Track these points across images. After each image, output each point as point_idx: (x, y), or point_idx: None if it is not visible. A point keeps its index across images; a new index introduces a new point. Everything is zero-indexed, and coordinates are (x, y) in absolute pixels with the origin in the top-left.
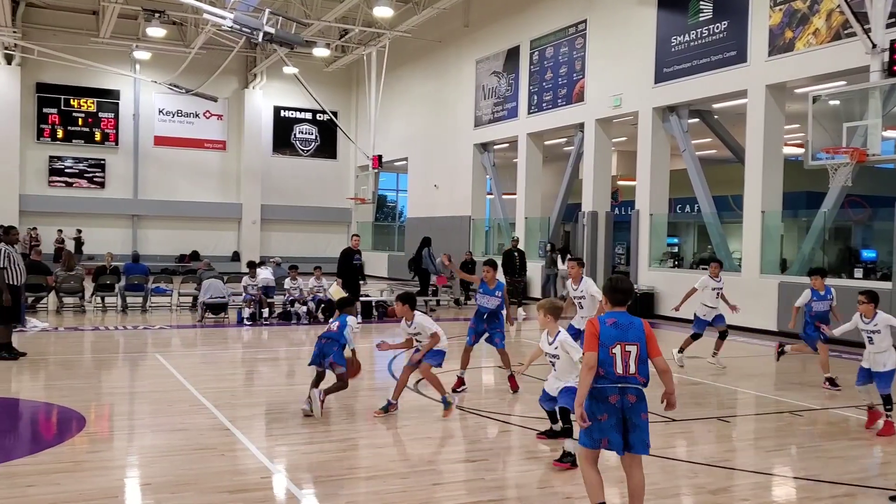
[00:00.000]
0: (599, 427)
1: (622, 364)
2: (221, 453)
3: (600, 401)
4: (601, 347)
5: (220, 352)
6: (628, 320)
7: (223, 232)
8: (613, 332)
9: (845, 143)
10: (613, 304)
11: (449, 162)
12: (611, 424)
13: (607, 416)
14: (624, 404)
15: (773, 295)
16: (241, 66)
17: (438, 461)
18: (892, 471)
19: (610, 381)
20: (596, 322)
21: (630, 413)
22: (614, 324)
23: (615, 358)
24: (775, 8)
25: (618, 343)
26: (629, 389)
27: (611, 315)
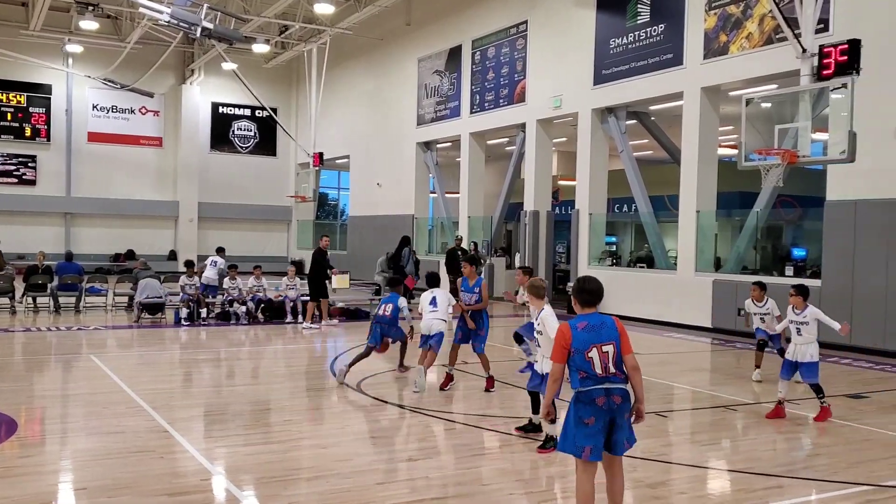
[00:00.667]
0: (585, 432)
1: (601, 365)
2: (160, 456)
3: (587, 404)
4: (577, 354)
5: (158, 353)
6: (599, 320)
7: (160, 230)
8: (586, 335)
9: (777, 144)
10: (583, 306)
11: (391, 160)
12: (598, 429)
13: (594, 419)
14: (611, 406)
15: (708, 293)
16: (179, 61)
17: (382, 460)
18: (820, 462)
19: (595, 382)
20: (567, 329)
21: (616, 414)
22: (586, 327)
23: (592, 362)
24: (710, 12)
25: (593, 346)
26: (614, 390)
27: (581, 318)
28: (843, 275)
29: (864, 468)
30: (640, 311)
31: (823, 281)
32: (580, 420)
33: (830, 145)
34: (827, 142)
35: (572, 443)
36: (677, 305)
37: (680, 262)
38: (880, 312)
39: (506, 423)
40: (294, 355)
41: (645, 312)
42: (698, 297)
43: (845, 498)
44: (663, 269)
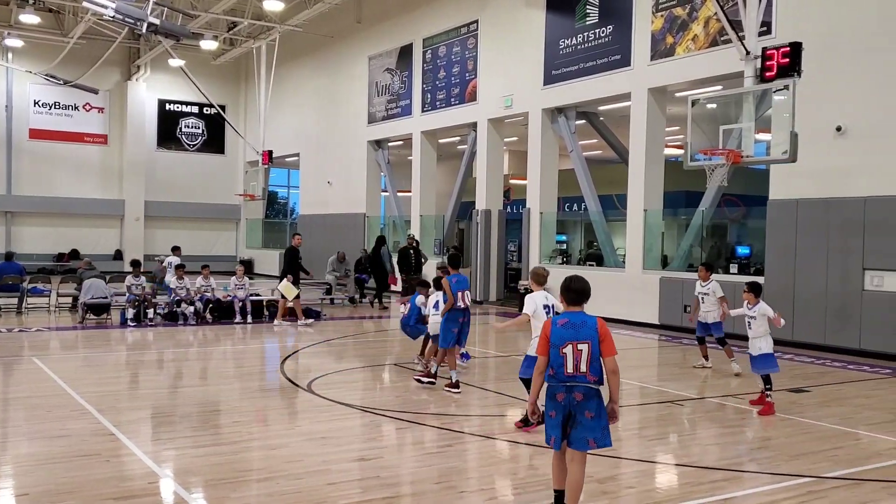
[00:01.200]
0: (551, 423)
1: (573, 363)
2: (106, 459)
3: (550, 398)
4: (552, 348)
5: (103, 354)
6: (581, 319)
7: (105, 229)
8: (564, 332)
9: (721, 145)
10: (568, 304)
11: (342, 158)
12: (557, 422)
13: (555, 413)
14: (570, 402)
15: (655, 290)
16: (124, 57)
17: (333, 461)
18: (764, 455)
19: (557, 381)
20: (548, 324)
21: (575, 410)
22: (566, 324)
23: (566, 358)
24: (657, 14)
25: (569, 343)
26: (576, 388)
27: (564, 315)
28: (785, 272)
29: (806, 460)
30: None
31: (766, 278)
32: (547, 413)
33: (773, 145)
34: (770, 142)
35: (546, 433)
36: (626, 303)
37: (628, 260)
38: (821, 308)
39: (458, 421)
40: (243, 356)
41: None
42: (646, 295)
43: (788, 490)
44: (612, 267)
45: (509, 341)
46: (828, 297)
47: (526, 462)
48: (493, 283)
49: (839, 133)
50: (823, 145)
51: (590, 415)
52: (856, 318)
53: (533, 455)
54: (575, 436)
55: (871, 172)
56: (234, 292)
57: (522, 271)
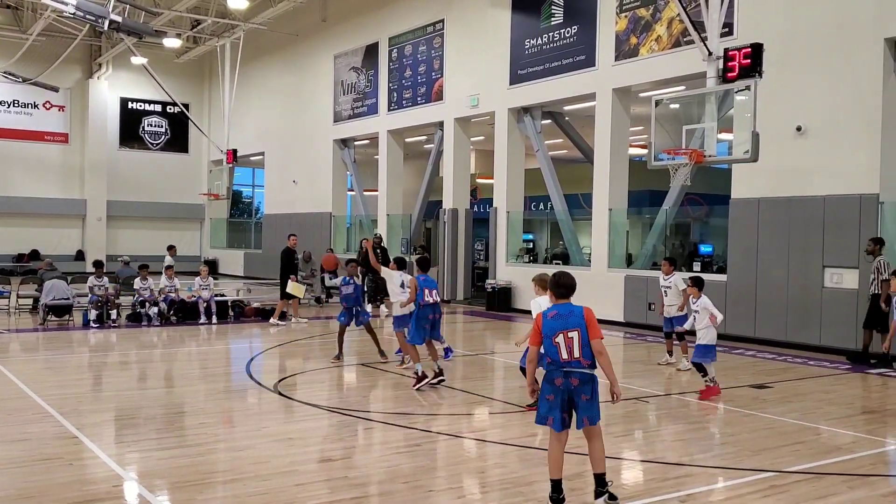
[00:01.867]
0: (548, 405)
1: (566, 350)
2: (69, 463)
3: (548, 383)
4: (545, 339)
5: (65, 356)
6: (569, 310)
7: (66, 229)
8: (554, 323)
9: (684, 144)
10: (557, 298)
11: (308, 157)
12: (556, 403)
13: (553, 396)
14: (567, 386)
15: (620, 288)
16: (85, 54)
17: (300, 461)
18: (727, 451)
19: (556, 367)
20: (540, 317)
21: (573, 394)
22: (555, 315)
23: (559, 346)
24: (621, 15)
25: (559, 332)
26: (573, 373)
27: (553, 308)
28: (747, 270)
29: (768, 455)
30: None
31: (729, 276)
32: (544, 396)
33: (735, 145)
34: (732, 142)
35: (540, 415)
36: (591, 300)
37: (594, 258)
38: (782, 305)
39: (425, 420)
40: (208, 357)
41: None
42: (611, 293)
43: (751, 484)
44: (578, 266)
45: (476, 340)
46: (789, 294)
47: (494, 460)
48: (461, 281)
49: (799, 133)
50: (784, 145)
51: (586, 398)
52: (816, 315)
53: (501, 454)
54: (581, 416)
55: (830, 172)
56: (199, 293)
57: (490, 270)
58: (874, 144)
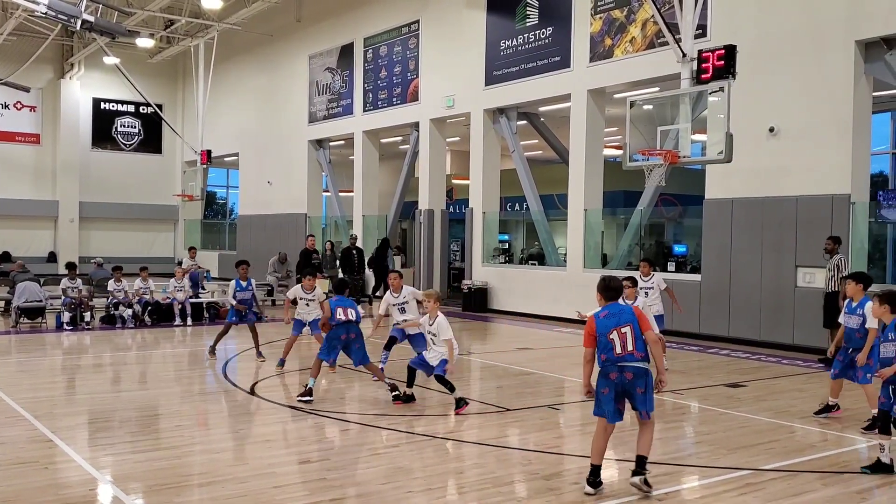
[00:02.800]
0: (604, 399)
1: (621, 345)
2: (44, 466)
3: (603, 377)
4: (600, 336)
5: (38, 359)
6: (619, 308)
7: (38, 231)
8: (607, 321)
9: (659, 145)
10: (606, 300)
11: (283, 158)
12: (610, 398)
13: (608, 390)
14: (622, 381)
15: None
16: (57, 54)
17: (278, 463)
18: (703, 450)
19: (610, 362)
20: (592, 319)
21: (628, 387)
22: (607, 314)
23: (613, 342)
24: (595, 16)
25: (613, 329)
26: (626, 367)
27: (603, 309)
28: (721, 270)
29: (744, 453)
30: (531, 306)
31: (703, 276)
32: (600, 391)
33: (709, 146)
34: (706, 143)
35: (597, 407)
36: (567, 301)
37: (569, 259)
38: (755, 305)
39: (403, 421)
40: (183, 359)
41: (536, 308)
42: (587, 293)
43: (727, 482)
44: (554, 266)
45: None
46: (762, 293)
47: (473, 461)
48: (437, 282)
49: (772, 134)
50: (757, 146)
51: (640, 391)
52: (789, 314)
53: (479, 454)
54: (638, 407)
55: (803, 172)
56: (174, 294)
57: (466, 271)
58: (845, 145)
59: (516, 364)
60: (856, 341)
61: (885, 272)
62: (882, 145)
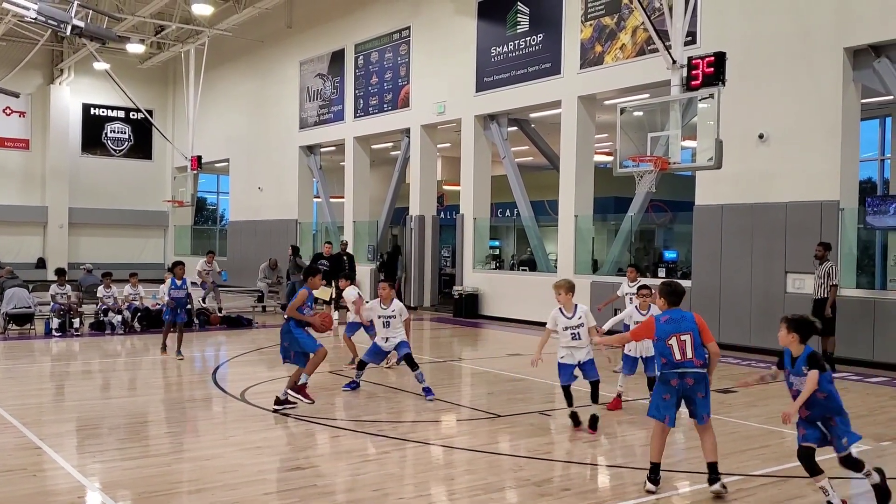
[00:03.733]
0: (665, 404)
1: (679, 351)
2: (32, 474)
3: (664, 383)
4: (659, 342)
5: (27, 366)
6: (680, 315)
7: (27, 237)
8: (668, 326)
9: (649, 151)
10: (669, 305)
11: (273, 164)
12: (672, 403)
13: (669, 396)
14: (683, 386)
15: (587, 294)
16: (47, 60)
17: (268, 470)
18: (694, 455)
19: (671, 368)
20: (653, 320)
21: (689, 392)
22: (668, 320)
23: (672, 348)
24: (586, 23)
25: (672, 335)
26: (687, 374)
27: (666, 313)
28: (711, 275)
29: (734, 459)
30: (522, 312)
31: (693, 281)
32: (662, 395)
33: (699, 152)
34: (695, 149)
35: (657, 410)
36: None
37: (560, 264)
38: (745, 311)
39: (393, 427)
40: (173, 365)
41: (527, 314)
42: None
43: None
44: (544, 272)
45: (443, 347)
46: (752, 299)
47: (463, 467)
48: (427, 288)
49: (761, 140)
50: (747, 152)
51: (701, 395)
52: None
53: (470, 460)
54: (697, 413)
55: (792, 179)
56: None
57: (456, 277)
58: (834, 152)
59: (507, 370)
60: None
61: (873, 278)
62: (871, 152)
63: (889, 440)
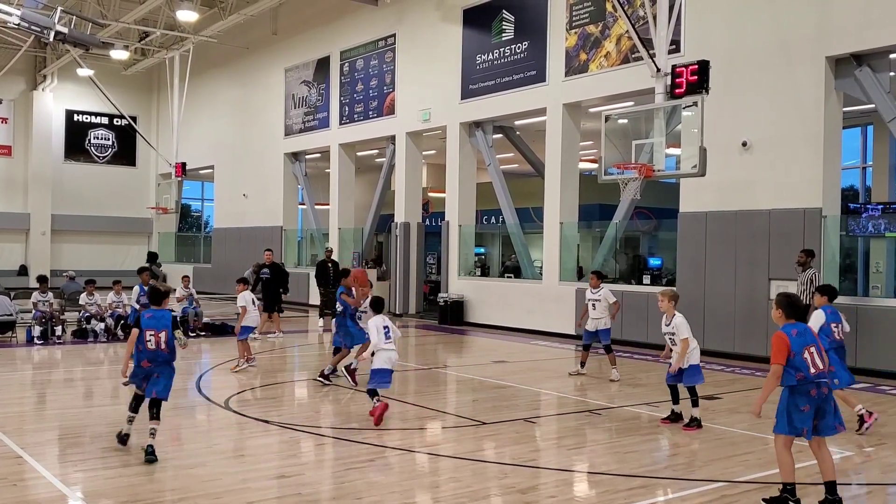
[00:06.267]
0: (802, 417)
1: (812, 364)
2: (12, 483)
3: (803, 395)
4: (797, 356)
5: (8, 374)
6: (803, 327)
7: (9, 244)
8: (800, 339)
9: (634, 159)
10: (789, 318)
11: (258, 171)
12: (810, 415)
13: (808, 407)
14: (820, 396)
15: (572, 301)
16: (30, 66)
17: (252, 479)
18: (679, 462)
19: (808, 380)
20: (784, 335)
21: (823, 402)
22: (798, 333)
23: (807, 360)
24: (571, 31)
25: (805, 347)
26: (823, 383)
27: (793, 326)
28: (695, 282)
29: (719, 465)
30: (507, 319)
31: (678, 288)
32: (801, 408)
33: (683, 160)
34: (680, 156)
35: (790, 425)
36: (543, 314)
37: (545, 271)
38: (729, 317)
39: (377, 435)
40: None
41: (512, 321)
42: (562, 306)
43: (703, 494)
44: (530, 279)
45: (429, 354)
46: (736, 306)
47: (448, 475)
48: (413, 295)
49: (745, 148)
50: (730, 160)
51: (833, 404)
52: (763, 327)
53: (454, 468)
54: (824, 424)
55: (775, 186)
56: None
57: (442, 284)
58: (817, 159)
59: (492, 377)
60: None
61: (856, 285)
62: (853, 160)
63: (872, 446)
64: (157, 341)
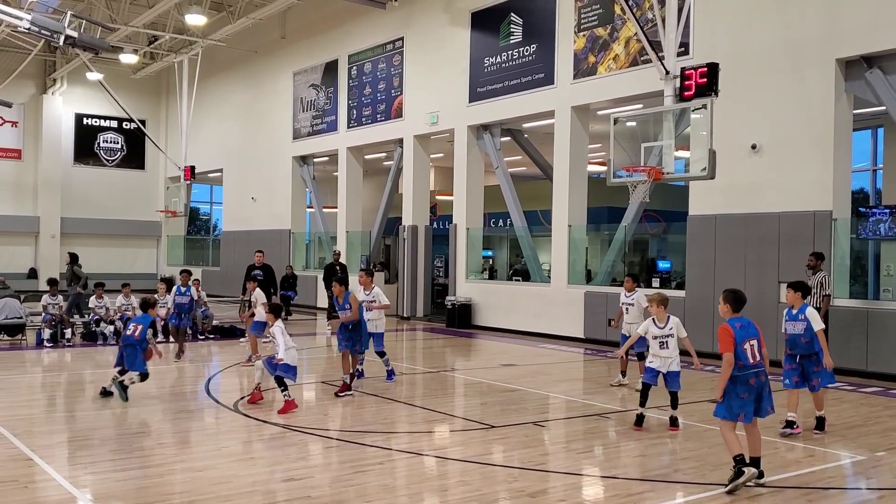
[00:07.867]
0: (741, 403)
1: (752, 355)
2: (23, 485)
3: (742, 384)
4: (738, 346)
5: (18, 376)
6: (747, 321)
7: (18, 247)
8: (743, 332)
9: (643, 162)
10: (734, 311)
11: (267, 174)
12: (750, 400)
13: (747, 394)
14: (759, 384)
15: (580, 304)
16: (40, 70)
17: (261, 481)
18: (688, 466)
19: (747, 369)
20: (729, 327)
21: (762, 389)
22: (740, 326)
23: (746, 352)
24: (579, 34)
25: (746, 340)
26: (761, 372)
27: (736, 320)
28: (704, 285)
29: (728, 469)
30: (515, 322)
31: (687, 291)
32: (740, 395)
33: (692, 163)
34: (689, 159)
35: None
36: (551, 317)
37: (553, 274)
38: None
39: (386, 438)
40: (165, 376)
41: (520, 324)
42: (571, 309)
43: (712, 499)
44: (538, 282)
45: (436, 357)
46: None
47: (456, 478)
48: (420, 298)
49: (754, 151)
50: (740, 163)
51: (768, 390)
52: (772, 330)
53: (463, 471)
54: (760, 407)
55: (785, 189)
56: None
57: (449, 287)
58: (827, 162)
59: (500, 380)
60: (801, 346)
61: (866, 288)
62: (863, 162)
63: (884, 450)
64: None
